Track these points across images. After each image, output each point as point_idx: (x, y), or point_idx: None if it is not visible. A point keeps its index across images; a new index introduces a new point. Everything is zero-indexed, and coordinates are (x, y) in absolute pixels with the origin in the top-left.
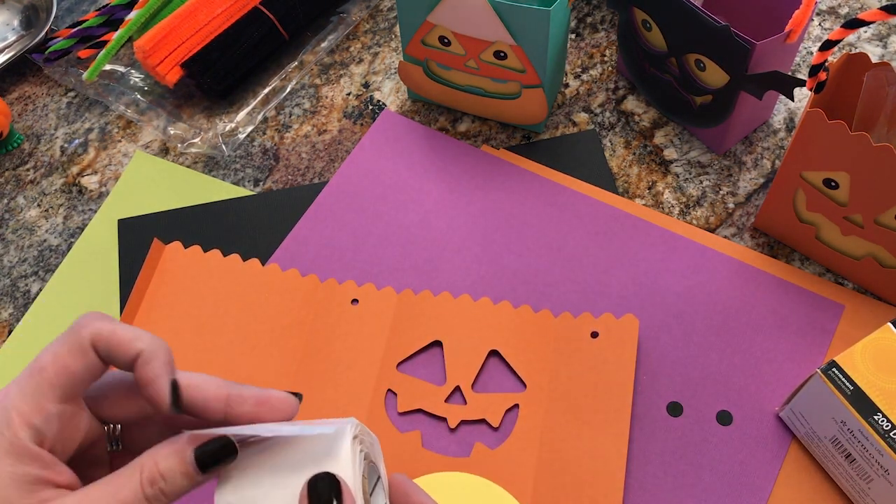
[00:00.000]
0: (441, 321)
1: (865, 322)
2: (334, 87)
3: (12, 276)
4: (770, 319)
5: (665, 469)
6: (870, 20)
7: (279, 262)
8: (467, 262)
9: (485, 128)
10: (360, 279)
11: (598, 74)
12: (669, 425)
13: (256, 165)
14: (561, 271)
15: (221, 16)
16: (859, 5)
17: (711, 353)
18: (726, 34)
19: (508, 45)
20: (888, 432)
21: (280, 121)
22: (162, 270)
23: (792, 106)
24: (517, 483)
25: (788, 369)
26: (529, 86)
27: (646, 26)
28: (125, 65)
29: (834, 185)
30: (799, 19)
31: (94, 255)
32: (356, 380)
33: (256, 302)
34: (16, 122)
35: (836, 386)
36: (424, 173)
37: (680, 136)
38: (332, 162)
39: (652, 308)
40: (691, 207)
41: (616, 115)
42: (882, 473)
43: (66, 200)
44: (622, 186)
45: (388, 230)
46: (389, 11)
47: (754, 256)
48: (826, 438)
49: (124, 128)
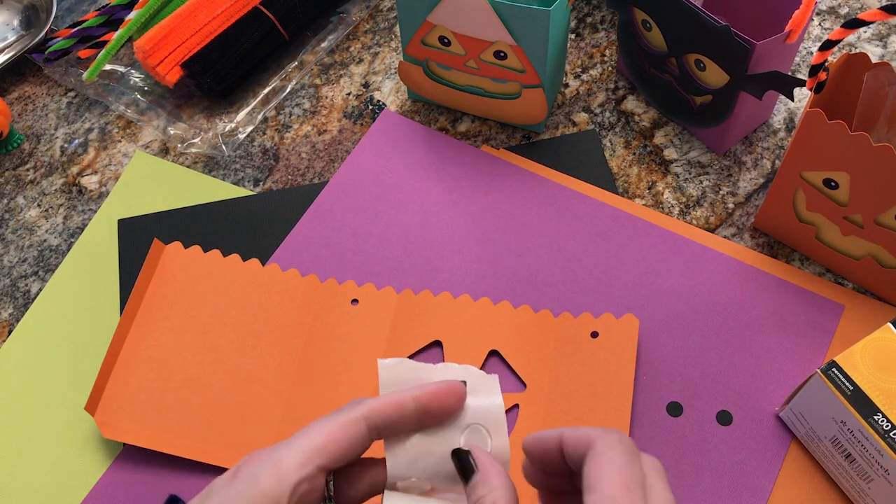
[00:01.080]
0: (441, 321)
1: (865, 322)
2: (334, 87)
3: (12, 276)
4: (770, 319)
5: (665, 469)
6: (870, 20)
7: (279, 262)
8: (467, 262)
9: (485, 128)
10: (360, 279)
11: (598, 74)
12: (669, 425)
13: (256, 165)
14: (561, 271)
15: (221, 16)
16: (859, 5)
17: (711, 353)
18: (726, 34)
19: (508, 45)
20: (888, 432)
21: (280, 121)
22: (162, 270)
23: (792, 106)
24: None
25: (788, 369)
26: (529, 86)
27: (646, 26)
28: (125, 65)
29: (834, 185)
30: (799, 19)
31: (94, 255)
32: (356, 380)
33: (256, 302)
34: (16, 122)
35: (836, 386)
36: (424, 173)
37: (680, 136)
38: (332, 162)
39: (652, 308)
40: (691, 207)
41: (616, 115)
42: (882, 473)
43: (66, 200)
44: (622, 186)
45: (388, 230)
46: (389, 11)
47: (754, 256)
48: (826, 438)
49: (124, 128)
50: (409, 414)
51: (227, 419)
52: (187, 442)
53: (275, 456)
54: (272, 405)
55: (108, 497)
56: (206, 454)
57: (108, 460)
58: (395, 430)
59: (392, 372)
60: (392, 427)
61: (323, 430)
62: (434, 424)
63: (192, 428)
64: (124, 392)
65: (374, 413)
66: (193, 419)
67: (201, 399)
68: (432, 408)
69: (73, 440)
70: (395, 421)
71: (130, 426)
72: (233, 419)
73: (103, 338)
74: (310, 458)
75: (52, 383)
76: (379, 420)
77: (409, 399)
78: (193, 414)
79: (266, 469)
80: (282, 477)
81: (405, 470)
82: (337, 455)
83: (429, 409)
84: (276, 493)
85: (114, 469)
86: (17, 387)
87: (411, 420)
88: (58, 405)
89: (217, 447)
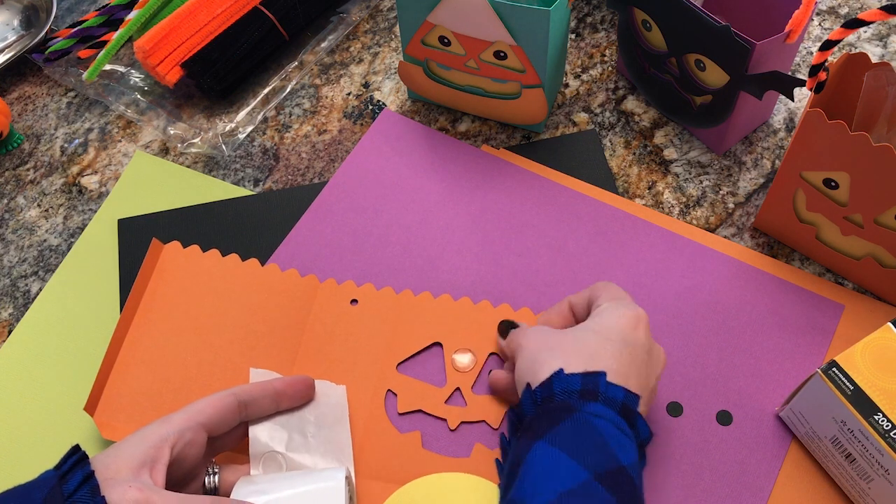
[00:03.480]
0: (441, 323)
1: (865, 322)
2: (334, 87)
3: (12, 276)
4: (770, 319)
5: (665, 469)
6: (870, 20)
7: (279, 262)
8: (467, 262)
9: (485, 128)
10: (360, 279)
11: (598, 74)
12: (669, 425)
13: (256, 165)
14: (561, 271)
15: (221, 16)
16: (859, 5)
17: (711, 353)
18: (726, 34)
19: (508, 45)
20: (888, 432)
21: (280, 121)
22: (161, 270)
23: (792, 106)
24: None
25: (788, 369)
26: (529, 86)
27: (646, 26)
28: (125, 65)
29: (834, 185)
30: (799, 19)
31: (94, 255)
32: (356, 380)
33: (256, 302)
34: (16, 122)
35: (837, 386)
36: (424, 173)
37: (680, 136)
38: (332, 162)
39: (652, 308)
40: (691, 207)
41: (616, 115)
42: (882, 473)
43: (66, 200)
44: (622, 186)
45: (388, 230)
46: (389, 11)
47: (754, 256)
48: (826, 438)
49: (124, 128)
50: (269, 393)
51: None
52: None
53: (165, 417)
54: None
55: None
56: None
57: None
58: (259, 406)
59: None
60: (256, 403)
61: (203, 400)
62: (289, 407)
63: None
64: (123, 392)
65: (242, 392)
66: None
67: None
68: (285, 392)
69: (73, 440)
70: (257, 398)
71: (130, 426)
72: None
73: (103, 338)
74: (192, 416)
75: (52, 383)
76: (246, 397)
77: (269, 384)
78: None
79: (158, 422)
80: (170, 426)
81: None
82: (214, 417)
83: (283, 393)
84: (163, 434)
85: None
86: (17, 387)
87: (269, 401)
88: (58, 405)
89: None
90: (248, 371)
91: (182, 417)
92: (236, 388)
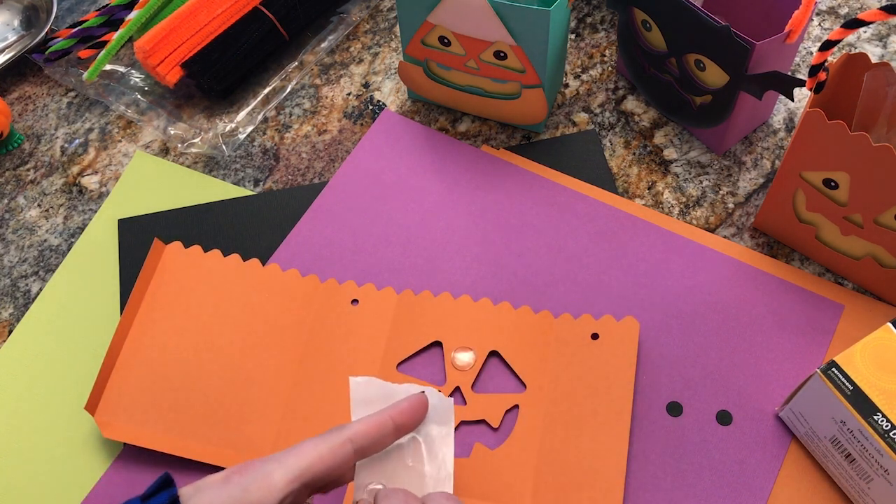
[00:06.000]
0: (441, 322)
1: (865, 322)
2: (334, 87)
3: (12, 276)
4: (770, 319)
5: (665, 469)
6: (870, 20)
7: (279, 262)
8: (467, 262)
9: (485, 128)
10: (360, 279)
11: (598, 74)
12: (669, 425)
13: (256, 165)
14: (561, 271)
15: (221, 16)
16: (859, 5)
17: (711, 353)
18: (726, 34)
19: (508, 46)
20: (888, 432)
21: (280, 121)
22: (162, 270)
23: (792, 106)
24: (517, 483)
25: (788, 369)
26: (529, 86)
27: (645, 26)
28: (125, 65)
29: (833, 185)
30: (799, 19)
31: (94, 255)
32: None
33: (256, 302)
34: (16, 122)
35: (836, 386)
36: (424, 173)
37: (680, 136)
38: (332, 162)
39: (652, 308)
40: (691, 207)
41: (616, 115)
42: (882, 473)
43: (67, 200)
44: (622, 186)
45: (388, 230)
46: (389, 11)
47: (754, 256)
48: (826, 438)
49: (124, 128)
50: (389, 433)
51: (227, 419)
52: (187, 442)
53: (266, 469)
54: (272, 405)
55: (108, 497)
56: (206, 454)
57: (108, 460)
58: (377, 449)
59: (362, 389)
60: (375, 446)
61: (312, 450)
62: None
63: (192, 428)
64: (124, 392)
65: (359, 436)
66: (193, 419)
67: (201, 399)
68: (406, 424)
69: (73, 440)
70: (377, 441)
71: (130, 426)
72: (233, 419)
73: (103, 338)
74: (298, 476)
75: (52, 383)
76: (364, 442)
77: (388, 418)
78: (193, 414)
79: (257, 481)
80: (270, 491)
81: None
82: (322, 475)
83: (404, 425)
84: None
85: (114, 469)
86: (17, 387)
87: (390, 438)
88: (58, 405)
89: (217, 447)
90: (248, 370)
91: (285, 478)
92: (351, 429)
